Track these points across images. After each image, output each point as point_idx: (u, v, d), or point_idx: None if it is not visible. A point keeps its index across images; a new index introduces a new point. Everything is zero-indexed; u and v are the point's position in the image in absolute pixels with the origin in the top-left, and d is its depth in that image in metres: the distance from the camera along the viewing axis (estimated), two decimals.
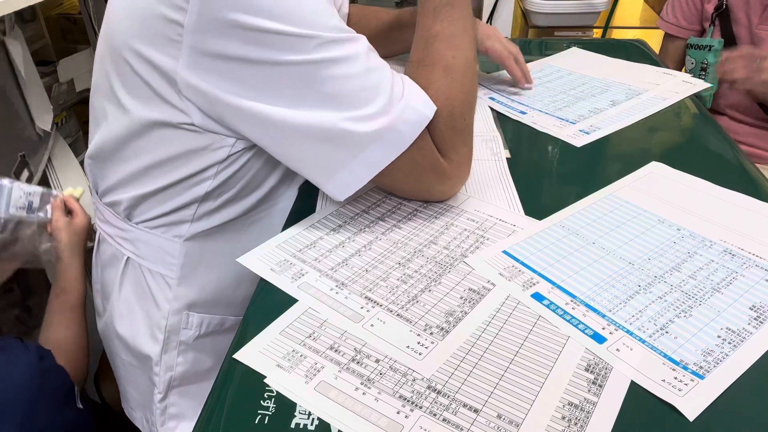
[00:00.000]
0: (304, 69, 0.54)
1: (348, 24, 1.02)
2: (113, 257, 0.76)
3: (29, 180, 1.15)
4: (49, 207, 0.90)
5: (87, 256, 0.92)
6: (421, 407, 0.44)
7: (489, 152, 0.77)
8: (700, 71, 1.36)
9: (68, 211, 0.92)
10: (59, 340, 0.82)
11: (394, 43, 1.04)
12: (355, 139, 0.57)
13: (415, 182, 0.64)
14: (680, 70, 1.46)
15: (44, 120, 1.18)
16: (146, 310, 0.75)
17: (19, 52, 1.11)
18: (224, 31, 0.53)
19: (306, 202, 0.68)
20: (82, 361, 0.85)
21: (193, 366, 0.77)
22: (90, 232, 0.93)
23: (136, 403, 0.82)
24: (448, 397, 0.44)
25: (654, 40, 1.49)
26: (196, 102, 0.59)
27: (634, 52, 1.15)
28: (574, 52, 1.13)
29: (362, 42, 0.58)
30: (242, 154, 0.64)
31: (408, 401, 0.44)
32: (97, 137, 0.70)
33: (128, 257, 0.73)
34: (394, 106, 0.57)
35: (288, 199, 0.72)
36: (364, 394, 0.45)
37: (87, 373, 0.87)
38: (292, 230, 0.63)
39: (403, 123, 0.57)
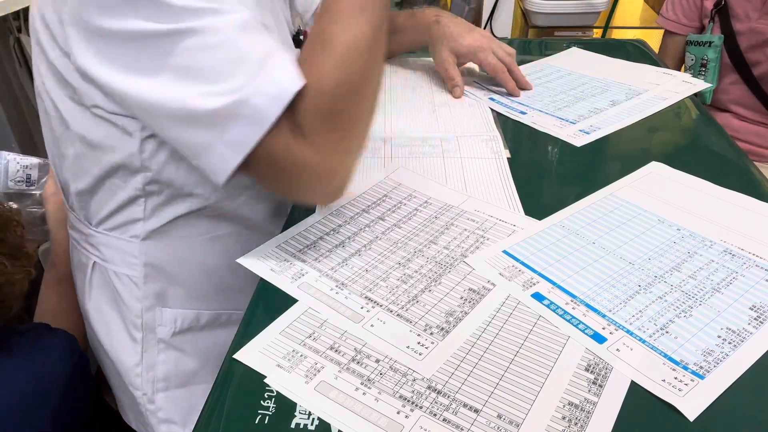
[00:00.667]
0: (157, 40, 0.52)
1: None
2: (81, 263, 0.76)
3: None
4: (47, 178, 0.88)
5: None
6: (421, 407, 0.44)
7: (489, 152, 0.77)
8: (700, 68, 1.36)
9: None
10: (54, 310, 0.82)
11: (389, 46, 1.04)
12: (211, 118, 0.53)
13: (281, 172, 0.57)
14: (680, 67, 1.46)
15: None
16: (119, 312, 0.75)
17: None
18: (87, 3, 0.52)
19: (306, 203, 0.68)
20: (80, 330, 0.85)
21: (176, 366, 0.77)
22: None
23: (128, 408, 0.82)
24: (449, 397, 0.44)
25: (654, 40, 1.49)
26: (88, 82, 0.58)
27: (634, 52, 1.15)
28: (574, 52, 1.13)
29: (232, 15, 0.53)
30: (156, 137, 0.63)
31: (408, 401, 0.44)
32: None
33: (94, 261, 0.74)
34: (253, 80, 0.52)
35: (251, 190, 0.71)
36: (364, 394, 0.45)
37: (87, 342, 0.87)
38: (292, 230, 0.63)
39: (259, 96, 0.52)
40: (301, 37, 0.85)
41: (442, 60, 0.93)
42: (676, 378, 0.45)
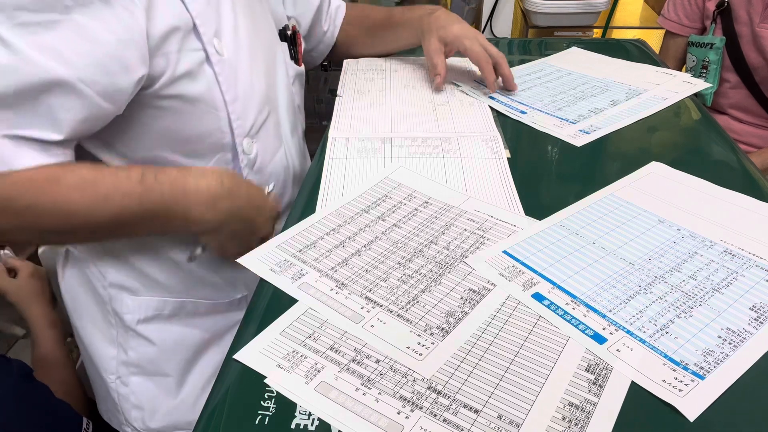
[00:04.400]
0: None
1: (343, 23, 1.03)
2: (57, 252, 0.79)
3: None
4: None
5: None
6: (421, 408, 0.44)
7: (489, 152, 0.77)
8: (701, 69, 1.36)
9: (10, 270, 0.94)
10: (55, 383, 0.84)
11: (386, 42, 1.05)
12: None
13: None
14: (681, 68, 1.46)
15: None
16: (93, 298, 0.77)
17: None
18: None
19: (306, 202, 0.68)
20: (78, 401, 0.86)
21: (144, 354, 0.78)
22: (41, 277, 0.95)
23: (102, 399, 0.84)
24: (449, 397, 0.44)
25: (654, 40, 1.49)
26: None
27: (634, 52, 1.15)
28: (574, 52, 1.13)
29: None
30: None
31: (408, 402, 0.44)
32: None
33: (67, 248, 0.76)
34: None
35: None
36: (364, 394, 0.45)
37: (88, 411, 0.87)
38: (292, 230, 0.63)
39: None
40: (288, 32, 0.85)
41: (429, 49, 0.92)
42: (676, 378, 0.45)
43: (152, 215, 0.61)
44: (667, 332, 0.49)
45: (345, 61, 1.06)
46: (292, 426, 0.43)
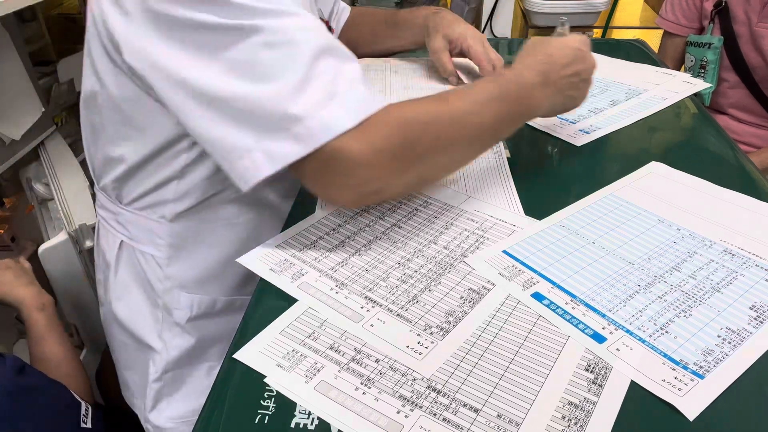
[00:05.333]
0: (221, 33, 0.51)
1: (345, 26, 1.03)
2: (109, 242, 0.78)
3: None
4: None
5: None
6: (421, 407, 0.44)
7: (489, 152, 0.77)
8: (699, 69, 1.36)
9: None
10: (53, 360, 0.83)
11: (388, 42, 1.05)
12: (260, 119, 0.52)
13: (325, 175, 0.55)
14: (679, 68, 1.46)
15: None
16: (143, 291, 0.77)
17: None
18: None
19: (306, 202, 0.68)
20: (80, 379, 0.86)
21: (187, 350, 0.78)
22: (15, 265, 0.96)
23: (136, 388, 0.83)
24: (448, 396, 0.44)
25: (654, 40, 1.49)
26: (133, 64, 0.57)
27: (634, 52, 1.14)
28: None
29: (300, 18, 0.52)
30: None
31: (408, 401, 0.44)
32: (81, 109, 0.72)
33: (122, 240, 0.75)
34: (317, 101, 0.51)
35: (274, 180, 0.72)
36: (364, 393, 0.45)
37: (90, 390, 0.87)
38: (292, 230, 0.63)
39: (314, 119, 0.51)
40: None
41: (435, 48, 0.93)
42: (675, 378, 0.45)
43: (515, 113, 0.63)
44: (666, 331, 0.49)
45: None
46: (292, 425, 0.43)
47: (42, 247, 1.08)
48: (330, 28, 0.88)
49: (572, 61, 0.67)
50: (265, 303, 0.54)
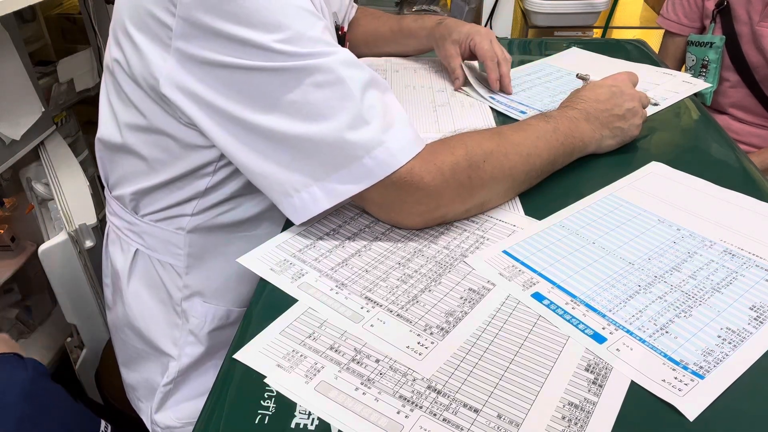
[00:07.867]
0: (275, 75, 0.54)
1: (350, 24, 1.03)
2: (122, 249, 0.77)
3: None
4: None
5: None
6: (421, 407, 0.44)
7: None
8: (701, 68, 1.36)
9: None
10: None
11: (392, 45, 1.05)
12: (321, 157, 0.55)
13: (389, 213, 0.61)
14: (680, 67, 1.46)
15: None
16: (159, 299, 0.77)
17: None
18: (206, 38, 0.54)
19: None
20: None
21: (199, 357, 0.78)
22: None
23: (143, 391, 0.83)
24: (448, 397, 0.44)
25: (654, 40, 1.49)
26: (177, 102, 0.58)
27: (634, 52, 1.15)
28: (574, 51, 1.13)
29: (339, 54, 0.55)
30: None
31: (408, 401, 0.44)
32: (100, 128, 0.72)
33: (137, 249, 0.75)
34: (376, 136, 0.54)
35: None
36: (364, 394, 0.45)
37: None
38: (292, 230, 0.63)
39: (381, 150, 0.54)
40: (339, 33, 0.86)
41: (446, 55, 0.95)
42: (675, 378, 0.45)
43: (567, 144, 0.69)
44: (666, 332, 0.49)
45: None
46: (292, 425, 0.43)
47: (42, 247, 1.08)
48: (343, 33, 0.88)
49: (609, 97, 0.73)
50: (265, 303, 0.54)
